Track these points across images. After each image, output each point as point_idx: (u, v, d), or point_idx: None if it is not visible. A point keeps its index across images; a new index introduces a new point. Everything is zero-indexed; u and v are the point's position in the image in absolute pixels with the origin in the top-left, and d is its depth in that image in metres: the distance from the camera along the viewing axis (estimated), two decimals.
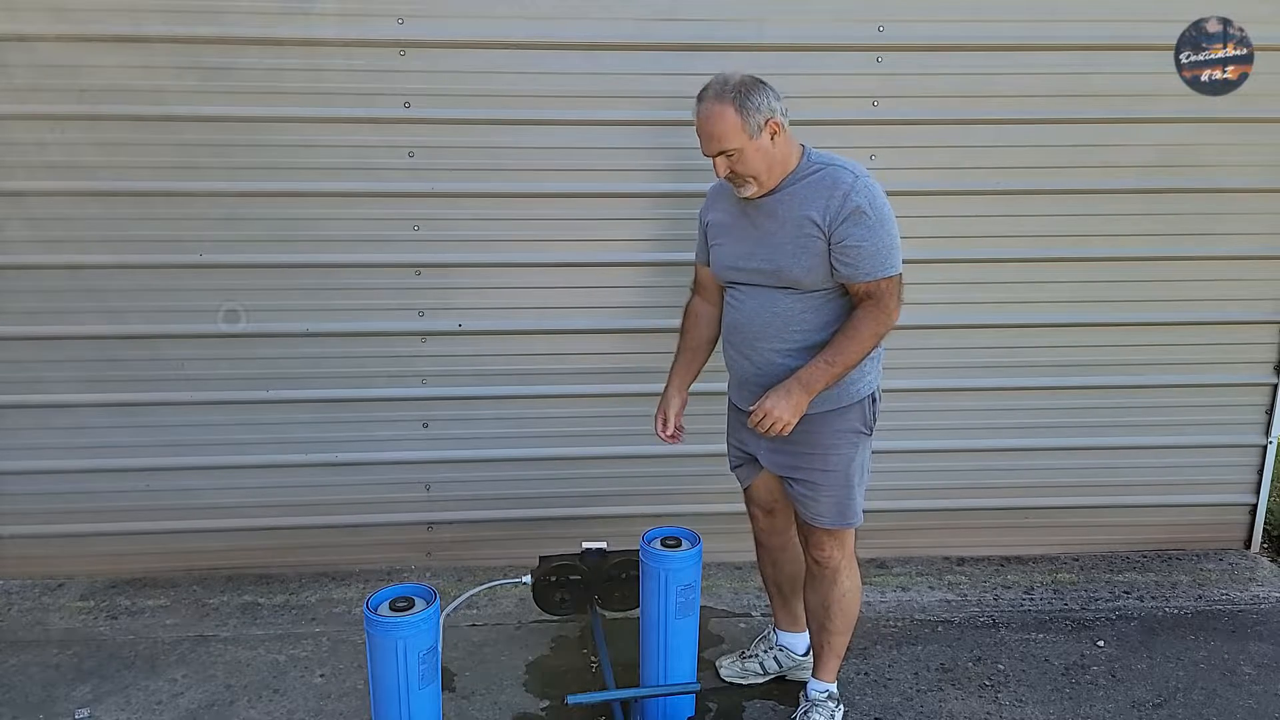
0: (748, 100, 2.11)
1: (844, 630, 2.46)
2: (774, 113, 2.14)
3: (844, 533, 2.37)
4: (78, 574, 3.23)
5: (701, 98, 2.16)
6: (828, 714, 2.47)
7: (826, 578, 2.40)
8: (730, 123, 2.11)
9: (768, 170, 2.17)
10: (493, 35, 2.87)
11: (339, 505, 3.24)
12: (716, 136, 2.13)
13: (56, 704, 2.58)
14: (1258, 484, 3.44)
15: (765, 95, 2.13)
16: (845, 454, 2.30)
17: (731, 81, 2.13)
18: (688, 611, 2.40)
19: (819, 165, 2.20)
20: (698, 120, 2.17)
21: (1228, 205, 3.15)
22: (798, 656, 2.69)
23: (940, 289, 3.17)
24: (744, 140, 2.12)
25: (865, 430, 2.33)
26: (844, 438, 2.30)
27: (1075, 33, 2.97)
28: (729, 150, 2.13)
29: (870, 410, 2.33)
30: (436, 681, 2.21)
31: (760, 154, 2.15)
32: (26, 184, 2.90)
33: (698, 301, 2.52)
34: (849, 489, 2.32)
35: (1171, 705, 2.64)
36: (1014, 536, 3.44)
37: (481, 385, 3.16)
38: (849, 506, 2.33)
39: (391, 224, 3.01)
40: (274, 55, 2.84)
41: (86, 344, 3.03)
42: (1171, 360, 3.28)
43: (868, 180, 2.16)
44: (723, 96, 2.11)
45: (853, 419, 2.30)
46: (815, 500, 2.32)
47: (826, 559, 2.37)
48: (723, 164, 2.17)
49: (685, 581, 2.38)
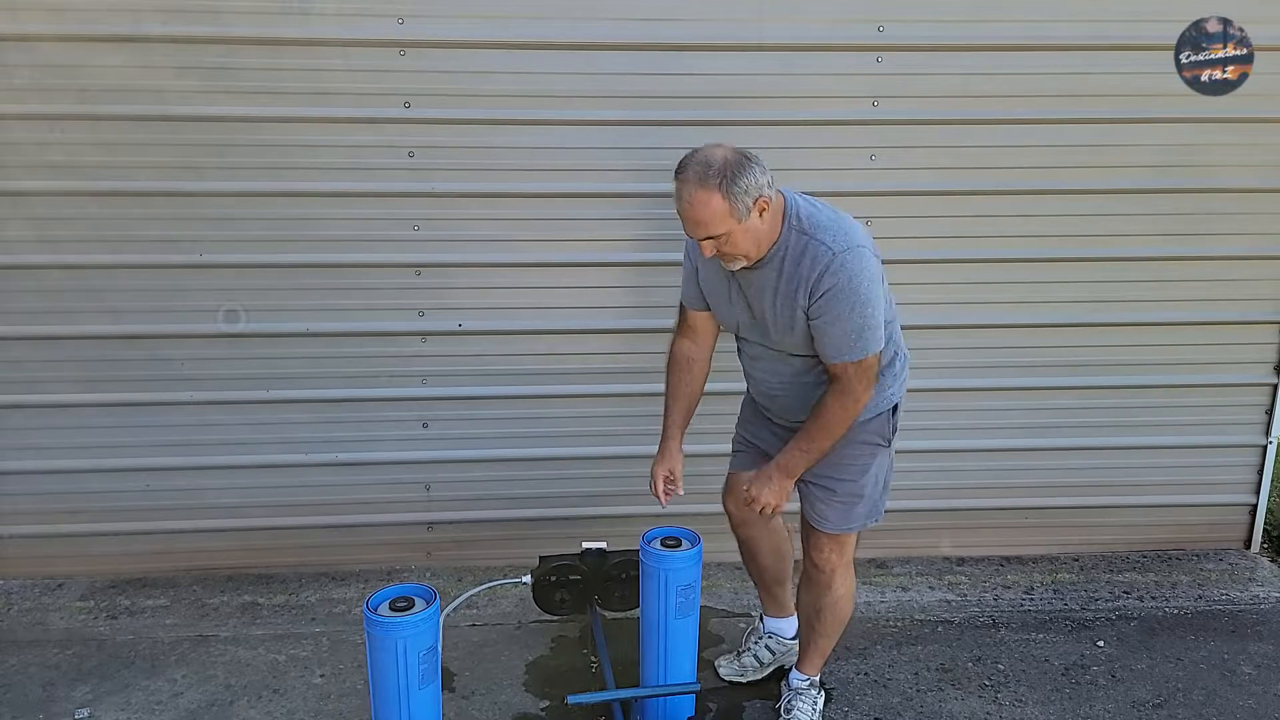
0: (734, 185, 1.95)
1: (832, 634, 2.47)
2: (762, 190, 1.99)
3: (844, 539, 2.37)
4: (78, 574, 3.24)
5: (682, 178, 1.99)
6: (810, 700, 2.50)
7: (821, 581, 2.40)
8: (716, 210, 1.96)
9: (757, 247, 2.06)
10: (493, 35, 2.87)
11: (339, 505, 3.24)
12: (702, 223, 1.98)
13: (56, 704, 2.59)
14: (1258, 484, 3.44)
15: (752, 174, 1.98)
16: (862, 464, 2.29)
17: (715, 165, 1.96)
18: (688, 611, 2.40)
19: (803, 234, 2.06)
20: (679, 203, 2.01)
21: (1228, 205, 3.15)
22: (788, 641, 2.71)
23: (940, 289, 3.17)
24: (732, 225, 1.98)
25: (883, 442, 2.32)
26: (862, 448, 2.29)
27: (1075, 33, 2.97)
28: (716, 236, 2.01)
29: (890, 422, 2.32)
30: (436, 681, 2.21)
31: (749, 234, 2.02)
32: (27, 184, 2.90)
33: (689, 346, 2.38)
34: (859, 498, 2.31)
35: (1171, 705, 2.64)
36: (1014, 536, 3.44)
37: (481, 385, 3.17)
38: (854, 515, 2.33)
39: (391, 224, 3.01)
40: (274, 55, 2.84)
41: (86, 344, 3.03)
42: (1171, 360, 3.28)
43: (848, 257, 2.02)
44: (706, 182, 1.95)
45: (872, 431, 2.29)
46: (824, 504, 2.32)
47: (824, 562, 2.37)
48: (710, 246, 2.03)
49: (685, 581, 2.38)
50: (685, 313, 2.38)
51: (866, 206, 3.08)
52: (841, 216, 2.13)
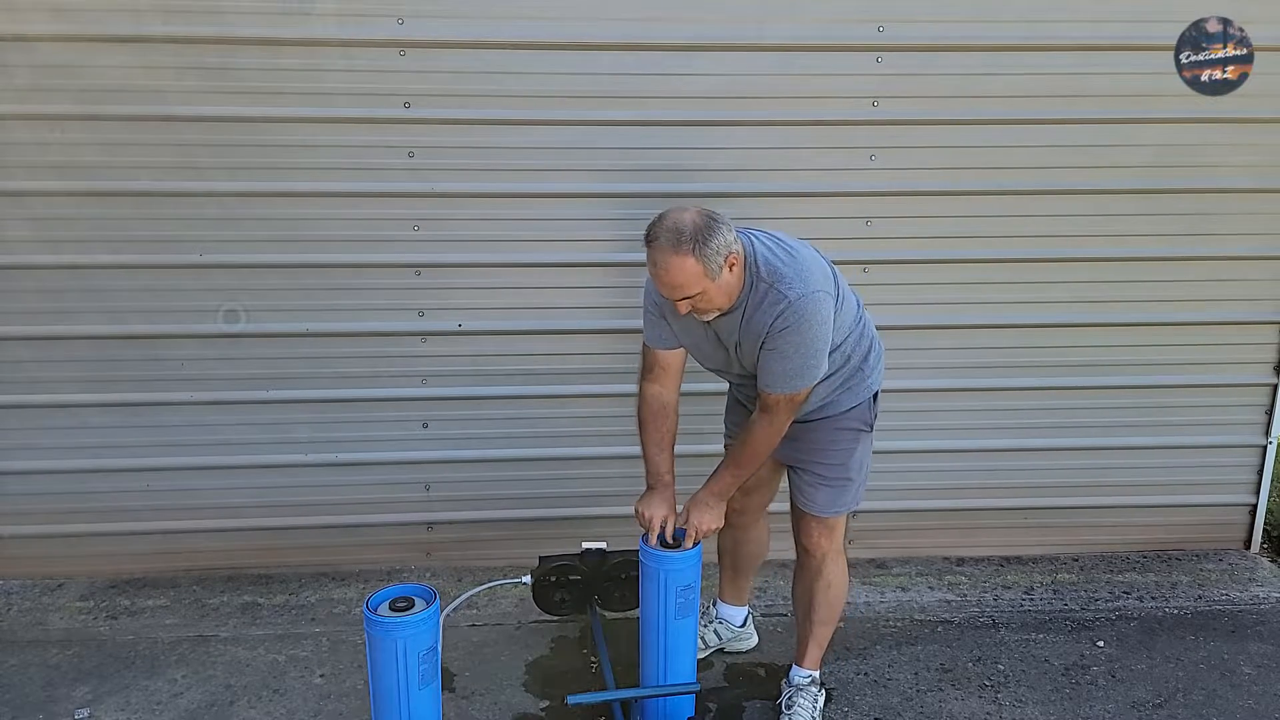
0: (707, 247, 2.02)
1: (828, 621, 2.52)
2: (730, 247, 2.06)
3: (833, 523, 2.44)
4: (78, 574, 3.23)
5: (655, 245, 2.05)
6: (811, 697, 2.52)
7: (813, 567, 2.47)
8: (691, 273, 2.03)
9: (729, 299, 2.14)
10: (493, 35, 2.87)
11: (339, 505, 3.24)
12: (679, 286, 2.06)
13: (56, 704, 2.58)
14: (1257, 484, 3.44)
15: (720, 233, 2.04)
16: (848, 448, 2.39)
17: (685, 230, 2.02)
18: (687, 612, 2.40)
19: (763, 282, 2.12)
20: (653, 268, 2.07)
21: (1228, 205, 3.15)
22: (735, 628, 2.82)
23: (940, 289, 3.18)
24: (706, 284, 2.06)
25: (866, 427, 2.42)
26: (847, 434, 2.39)
27: (1075, 33, 2.97)
28: (692, 296, 2.08)
29: (872, 409, 2.42)
30: (436, 681, 2.21)
31: (723, 289, 2.10)
32: (27, 184, 2.90)
33: (659, 391, 2.37)
34: (846, 481, 2.41)
35: (1171, 705, 2.64)
36: (1014, 536, 3.44)
37: (481, 385, 3.16)
38: (841, 498, 2.41)
39: (391, 224, 3.01)
40: (274, 55, 2.84)
41: (86, 344, 3.03)
42: (1171, 360, 3.28)
43: (801, 303, 2.09)
44: (680, 248, 2.01)
45: (855, 417, 2.39)
46: (813, 488, 2.41)
47: (814, 547, 2.45)
48: (685, 306, 2.12)
49: (685, 582, 2.38)
50: (651, 355, 2.38)
51: (866, 206, 3.09)
52: (799, 259, 2.16)
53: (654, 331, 2.35)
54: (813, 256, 2.21)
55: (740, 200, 3.04)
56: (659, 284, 2.10)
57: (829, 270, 2.24)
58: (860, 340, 2.35)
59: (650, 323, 2.36)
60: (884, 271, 3.14)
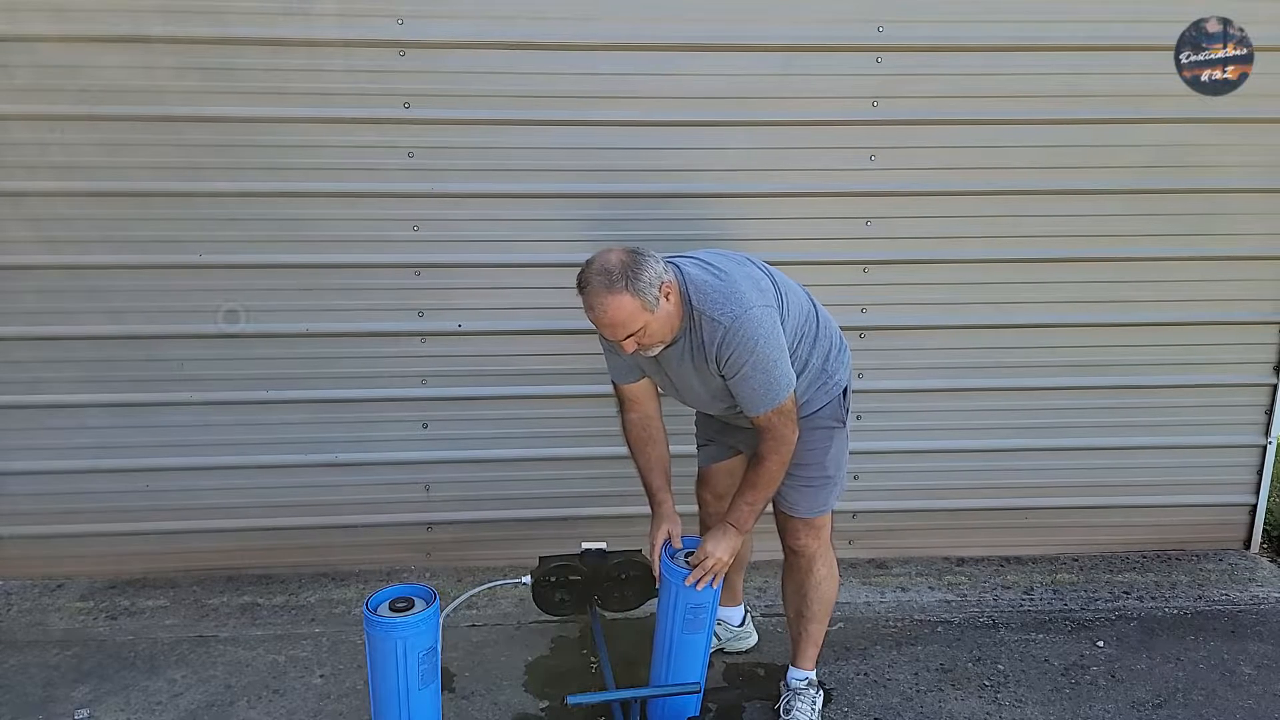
0: (639, 281, 2.05)
1: (821, 618, 2.51)
2: (662, 277, 2.09)
3: (819, 522, 2.44)
4: (78, 574, 3.23)
5: (588, 290, 2.08)
6: (809, 700, 2.52)
7: (802, 566, 2.47)
8: (629, 310, 2.05)
9: (671, 329, 2.16)
10: (493, 35, 2.87)
11: (339, 505, 3.24)
12: (620, 324, 2.08)
13: (56, 704, 2.58)
14: (1257, 484, 3.44)
15: (649, 265, 2.08)
16: (822, 446, 2.39)
17: (614, 269, 2.05)
18: (697, 629, 2.38)
19: (696, 310, 2.14)
20: (591, 313, 2.10)
21: (1228, 205, 3.15)
22: (734, 628, 2.83)
23: (940, 289, 3.18)
24: (647, 318, 2.08)
25: (839, 424, 2.42)
26: (820, 433, 2.39)
27: (1075, 33, 2.97)
28: (635, 332, 2.10)
29: (843, 404, 2.42)
30: (436, 682, 2.21)
31: (664, 319, 2.12)
32: (27, 184, 2.90)
33: (638, 417, 2.43)
34: (826, 479, 2.41)
35: (1171, 705, 2.64)
36: (1014, 536, 3.44)
37: (481, 385, 3.17)
38: (823, 497, 2.42)
39: (391, 224, 3.01)
40: (274, 56, 2.84)
41: (86, 344, 3.03)
42: (1171, 360, 3.28)
43: (737, 326, 2.10)
44: (613, 286, 2.04)
45: (827, 416, 2.39)
46: (794, 491, 2.40)
47: (802, 548, 2.45)
48: (630, 344, 2.13)
49: (696, 601, 2.35)
50: (620, 390, 2.43)
51: (866, 206, 3.09)
52: (729, 278, 2.17)
53: (615, 366, 2.40)
54: (744, 273, 2.20)
55: (740, 200, 3.04)
56: (600, 327, 2.13)
57: (764, 282, 2.22)
58: (817, 343, 2.33)
59: (610, 361, 2.41)
60: (884, 271, 3.14)
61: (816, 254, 3.08)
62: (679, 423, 2.59)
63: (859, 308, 3.16)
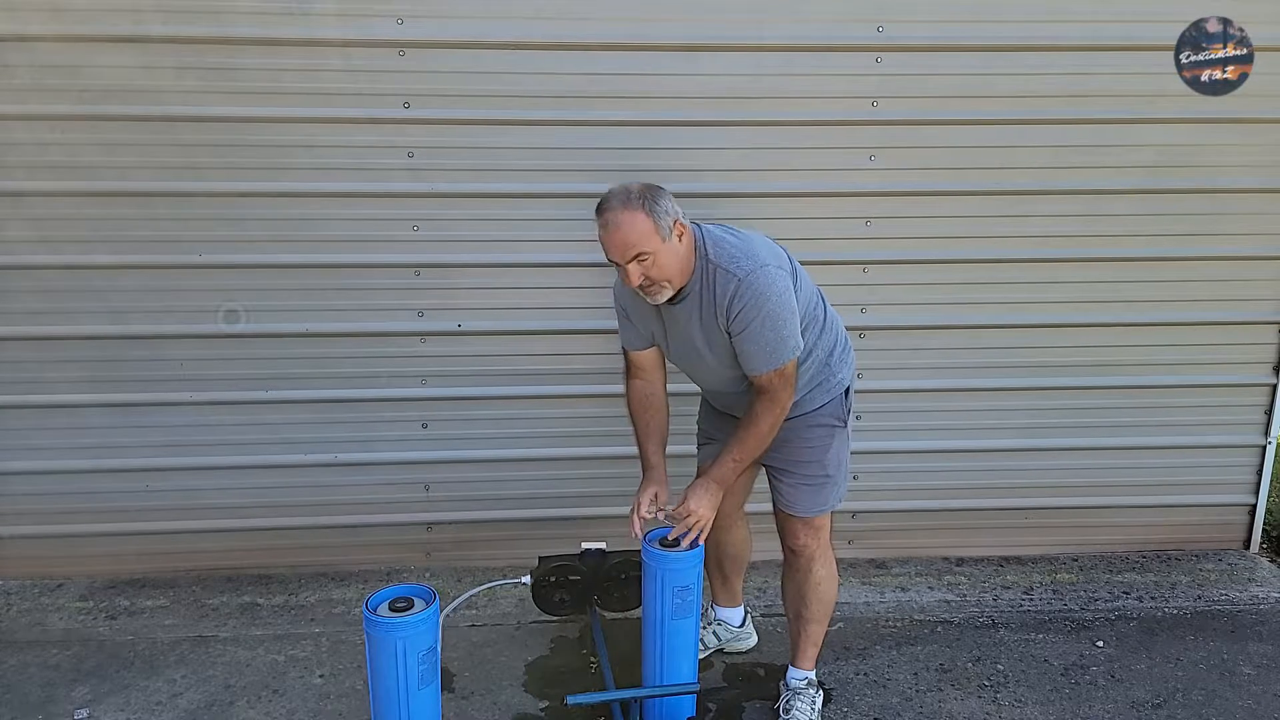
0: (656, 204, 2.09)
1: (821, 618, 2.51)
2: (677, 215, 2.13)
3: (819, 522, 2.44)
4: (77, 574, 3.24)
5: (606, 208, 2.12)
6: (809, 700, 2.52)
7: (801, 566, 2.47)
8: (643, 228, 2.07)
9: (680, 273, 2.16)
10: (493, 35, 2.87)
11: (339, 505, 3.24)
12: (631, 243, 2.08)
13: (56, 704, 2.58)
14: (1257, 484, 3.44)
15: (668, 199, 2.12)
16: (823, 445, 2.39)
17: (634, 190, 2.10)
18: (686, 613, 2.40)
19: (712, 264, 2.17)
20: (605, 231, 2.11)
21: (1228, 205, 3.15)
22: (734, 628, 2.83)
23: (940, 289, 3.18)
24: (657, 244, 2.09)
25: (840, 423, 2.42)
26: (821, 431, 2.39)
27: (1075, 33, 2.97)
28: (644, 254, 2.09)
29: (844, 404, 2.42)
30: (436, 682, 2.21)
31: (673, 256, 2.13)
32: (27, 184, 2.90)
33: (643, 385, 2.46)
34: (825, 479, 2.41)
35: (1171, 706, 2.64)
36: (1014, 536, 3.44)
37: (481, 385, 3.17)
38: (823, 496, 2.42)
39: (391, 224, 3.01)
40: (274, 56, 2.84)
41: (87, 344, 3.03)
42: (1171, 360, 3.28)
43: (753, 278, 2.12)
44: (629, 204, 2.08)
45: (828, 414, 2.40)
46: (794, 490, 2.41)
47: (801, 547, 2.45)
48: (636, 271, 2.11)
49: (682, 583, 2.38)
50: (629, 356, 2.47)
51: (866, 206, 3.09)
52: (748, 239, 2.22)
53: (626, 332, 2.44)
54: (762, 240, 2.25)
55: (740, 200, 3.04)
56: (611, 246, 2.12)
57: (782, 252, 2.25)
58: (823, 334, 2.35)
59: (622, 326, 2.44)
60: (884, 271, 3.14)
61: (816, 254, 3.07)
62: (680, 423, 2.58)
63: (859, 308, 3.16)
